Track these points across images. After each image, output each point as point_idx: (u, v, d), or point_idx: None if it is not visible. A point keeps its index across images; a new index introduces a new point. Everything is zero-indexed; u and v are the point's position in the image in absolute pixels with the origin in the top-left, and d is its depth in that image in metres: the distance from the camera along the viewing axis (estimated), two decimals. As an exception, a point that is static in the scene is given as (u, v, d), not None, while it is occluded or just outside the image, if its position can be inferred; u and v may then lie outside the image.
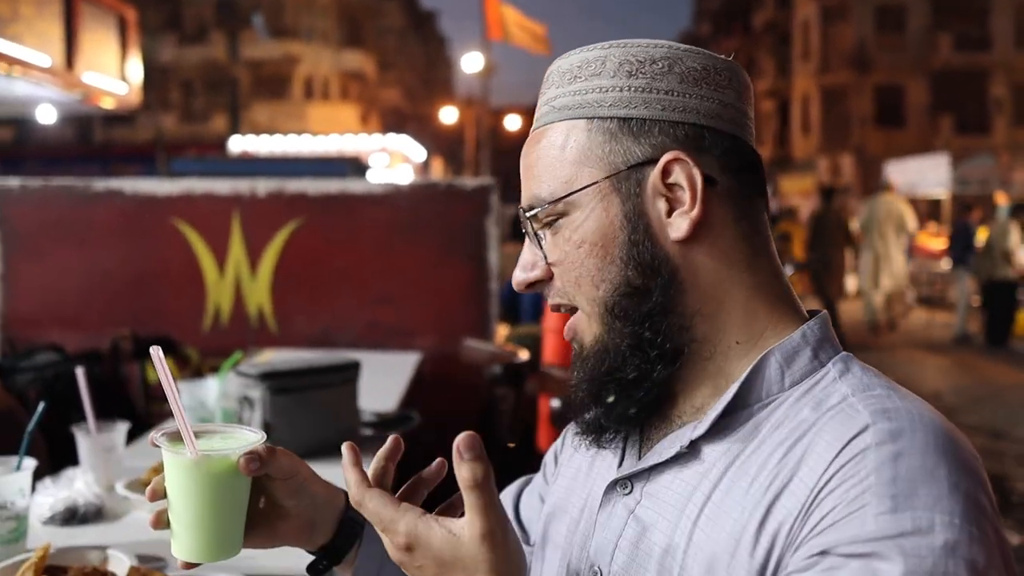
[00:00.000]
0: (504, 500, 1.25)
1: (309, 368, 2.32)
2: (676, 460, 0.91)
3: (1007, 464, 6.01)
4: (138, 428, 2.22)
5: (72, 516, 1.76)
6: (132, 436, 2.09)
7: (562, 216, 0.94)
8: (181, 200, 4.43)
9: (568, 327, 0.98)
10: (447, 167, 39.69)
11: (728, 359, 0.92)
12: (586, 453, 1.06)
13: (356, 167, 13.86)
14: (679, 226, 0.90)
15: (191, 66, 34.16)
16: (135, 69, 8.69)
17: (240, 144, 18.63)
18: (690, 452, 0.90)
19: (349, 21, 37.66)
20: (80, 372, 1.88)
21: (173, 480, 0.95)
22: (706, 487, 0.88)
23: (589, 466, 1.05)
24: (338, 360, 2.43)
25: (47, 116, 9.60)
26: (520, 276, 0.99)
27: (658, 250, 0.91)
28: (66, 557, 1.45)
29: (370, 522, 0.97)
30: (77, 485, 1.82)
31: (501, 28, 11.37)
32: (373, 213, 4.38)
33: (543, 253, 0.96)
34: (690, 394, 0.94)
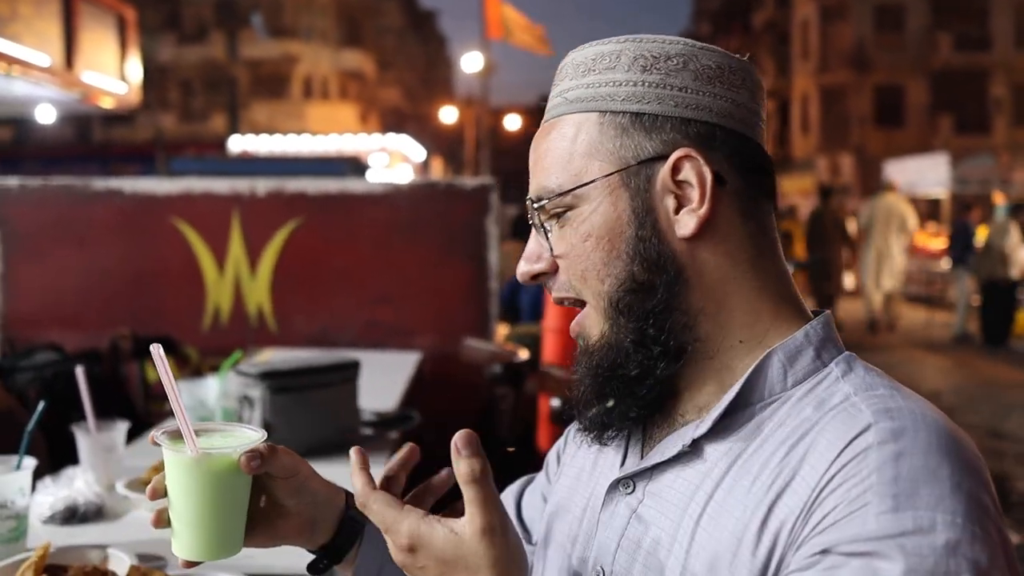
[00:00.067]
0: (505, 500, 1.25)
1: (309, 367, 2.32)
2: (678, 459, 0.91)
3: (1007, 463, 6.01)
4: (138, 427, 2.22)
5: (72, 515, 1.76)
6: (132, 435, 2.09)
7: (570, 208, 0.93)
8: (180, 199, 4.43)
9: (575, 323, 0.97)
10: (447, 167, 39.68)
11: (731, 358, 0.92)
12: (589, 452, 1.06)
13: (355, 167, 13.85)
14: (687, 223, 0.90)
15: (190, 65, 34.16)
16: (134, 68, 8.68)
17: (239, 144, 18.62)
18: (692, 451, 0.90)
19: (348, 20, 37.66)
20: (80, 371, 1.87)
21: (174, 478, 0.95)
22: (708, 486, 0.87)
23: (592, 465, 1.04)
24: (338, 359, 2.43)
25: (46, 116, 9.60)
26: (524, 268, 0.98)
27: (665, 247, 0.90)
28: (66, 556, 1.44)
29: (373, 523, 0.97)
30: (77, 484, 1.82)
31: (501, 27, 11.37)
32: (373, 213, 4.38)
33: (549, 245, 0.96)
34: (693, 393, 0.94)
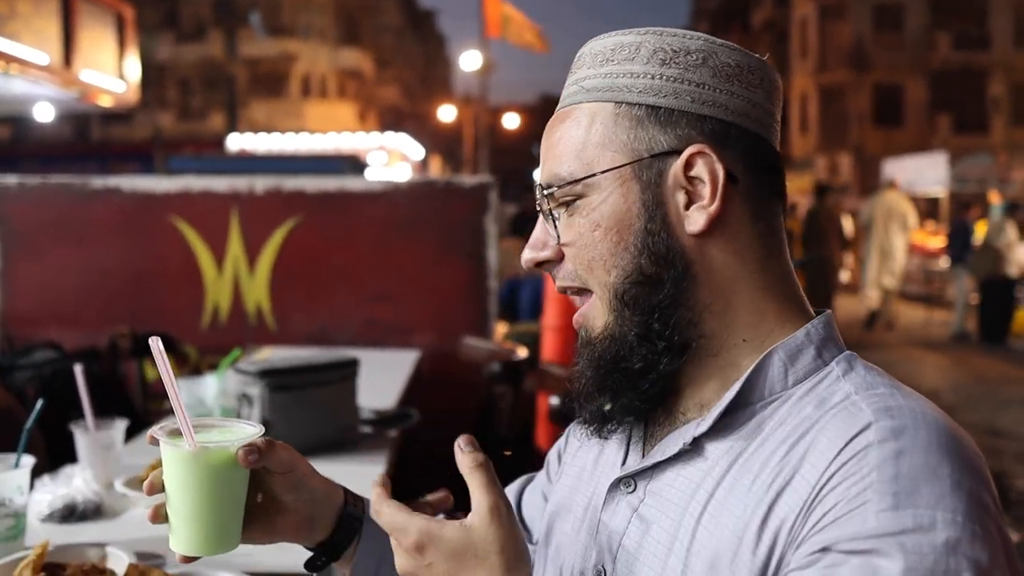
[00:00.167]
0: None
1: (308, 366, 2.32)
2: (679, 458, 0.91)
3: (1006, 461, 6.02)
4: (136, 426, 2.22)
5: (71, 513, 1.76)
6: (130, 434, 2.09)
7: (580, 197, 0.93)
8: (179, 198, 4.43)
9: (578, 313, 0.97)
10: (445, 165, 39.68)
11: (734, 356, 0.92)
12: (590, 452, 1.06)
13: (354, 165, 13.85)
14: (696, 220, 0.90)
15: (188, 64, 34.14)
16: (133, 67, 8.67)
17: (238, 142, 18.64)
18: (693, 449, 0.90)
19: (347, 19, 37.63)
20: (78, 370, 1.87)
21: (171, 473, 0.94)
22: (709, 485, 0.87)
23: (593, 464, 1.04)
24: (337, 358, 2.43)
25: (44, 114, 9.58)
26: (529, 255, 0.98)
27: (673, 241, 0.90)
28: (65, 554, 1.44)
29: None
30: (76, 482, 1.82)
31: (500, 26, 11.37)
32: (371, 211, 4.38)
33: (556, 233, 0.95)
34: (695, 390, 0.93)
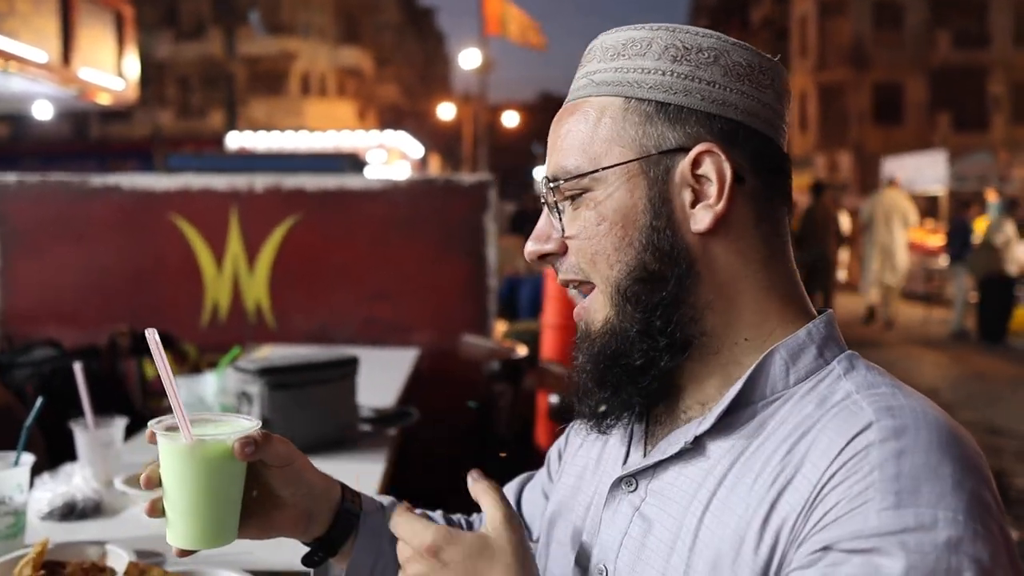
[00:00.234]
0: (506, 495, 1.25)
1: (307, 364, 2.31)
2: (681, 456, 0.91)
3: (1005, 460, 6.02)
4: (136, 424, 2.21)
5: (70, 511, 1.76)
6: (130, 432, 2.09)
7: (586, 191, 0.93)
8: (179, 196, 4.42)
9: (580, 307, 0.97)
10: (444, 163, 39.69)
11: (736, 355, 0.92)
12: (591, 451, 1.06)
13: (353, 163, 13.82)
14: (701, 218, 0.90)
15: (188, 62, 34.11)
16: (132, 65, 8.66)
17: (237, 140, 18.64)
18: (695, 448, 0.90)
19: (346, 17, 37.61)
20: (78, 368, 1.87)
21: (168, 466, 0.94)
22: (711, 484, 0.87)
23: (595, 464, 1.04)
24: (336, 356, 2.43)
25: (43, 112, 9.57)
26: (532, 247, 0.98)
27: (678, 239, 0.90)
28: (64, 552, 1.44)
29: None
30: (75, 480, 1.82)
31: (499, 24, 11.37)
32: (371, 209, 4.37)
33: (561, 226, 0.95)
34: (696, 388, 0.93)
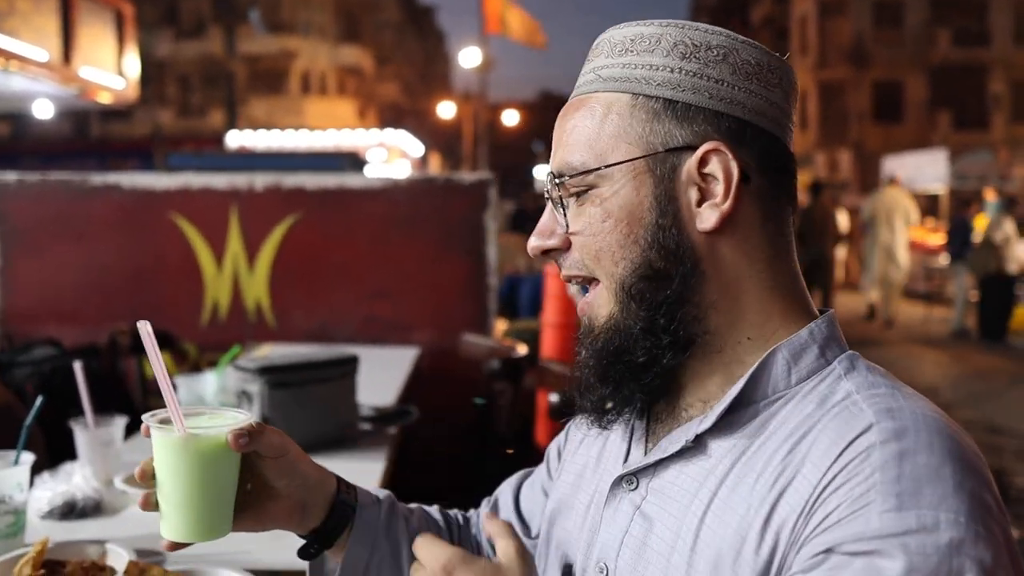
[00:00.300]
0: (504, 492, 1.25)
1: (307, 363, 2.31)
2: (682, 455, 0.91)
3: (1005, 459, 6.01)
4: (136, 422, 2.21)
5: (70, 510, 1.76)
6: (130, 430, 2.09)
7: (591, 188, 0.92)
8: (179, 194, 4.42)
9: (583, 302, 0.97)
10: (445, 162, 39.69)
11: (738, 353, 0.92)
12: (592, 449, 1.06)
13: (353, 162, 13.83)
14: (707, 217, 0.89)
15: (188, 61, 34.10)
16: (132, 64, 8.65)
17: (237, 139, 18.65)
18: (696, 447, 0.90)
19: (346, 16, 37.59)
20: (78, 367, 1.87)
21: (162, 459, 0.94)
22: (712, 483, 0.87)
23: (596, 462, 1.04)
24: (336, 355, 2.42)
25: (44, 111, 9.56)
26: (536, 242, 0.97)
27: (683, 238, 0.90)
28: (64, 551, 1.44)
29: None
30: (75, 479, 1.82)
31: (499, 22, 11.36)
32: (371, 208, 4.37)
33: (565, 222, 0.95)
34: (698, 387, 0.93)
